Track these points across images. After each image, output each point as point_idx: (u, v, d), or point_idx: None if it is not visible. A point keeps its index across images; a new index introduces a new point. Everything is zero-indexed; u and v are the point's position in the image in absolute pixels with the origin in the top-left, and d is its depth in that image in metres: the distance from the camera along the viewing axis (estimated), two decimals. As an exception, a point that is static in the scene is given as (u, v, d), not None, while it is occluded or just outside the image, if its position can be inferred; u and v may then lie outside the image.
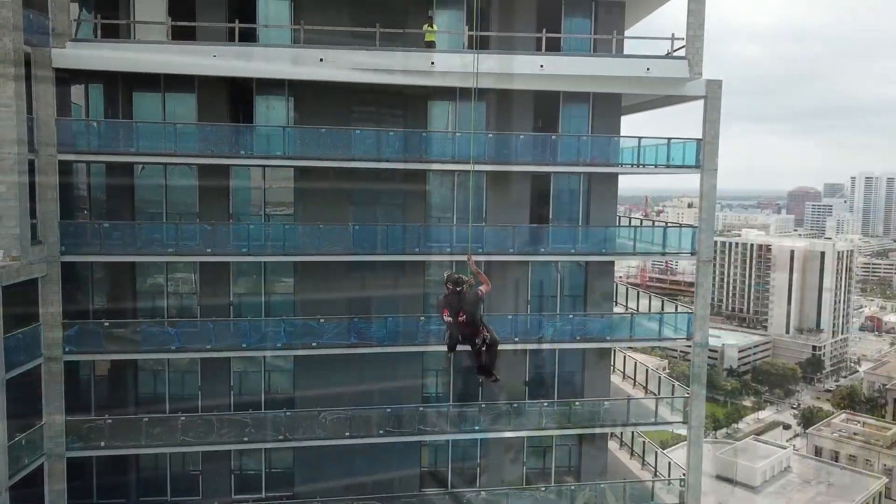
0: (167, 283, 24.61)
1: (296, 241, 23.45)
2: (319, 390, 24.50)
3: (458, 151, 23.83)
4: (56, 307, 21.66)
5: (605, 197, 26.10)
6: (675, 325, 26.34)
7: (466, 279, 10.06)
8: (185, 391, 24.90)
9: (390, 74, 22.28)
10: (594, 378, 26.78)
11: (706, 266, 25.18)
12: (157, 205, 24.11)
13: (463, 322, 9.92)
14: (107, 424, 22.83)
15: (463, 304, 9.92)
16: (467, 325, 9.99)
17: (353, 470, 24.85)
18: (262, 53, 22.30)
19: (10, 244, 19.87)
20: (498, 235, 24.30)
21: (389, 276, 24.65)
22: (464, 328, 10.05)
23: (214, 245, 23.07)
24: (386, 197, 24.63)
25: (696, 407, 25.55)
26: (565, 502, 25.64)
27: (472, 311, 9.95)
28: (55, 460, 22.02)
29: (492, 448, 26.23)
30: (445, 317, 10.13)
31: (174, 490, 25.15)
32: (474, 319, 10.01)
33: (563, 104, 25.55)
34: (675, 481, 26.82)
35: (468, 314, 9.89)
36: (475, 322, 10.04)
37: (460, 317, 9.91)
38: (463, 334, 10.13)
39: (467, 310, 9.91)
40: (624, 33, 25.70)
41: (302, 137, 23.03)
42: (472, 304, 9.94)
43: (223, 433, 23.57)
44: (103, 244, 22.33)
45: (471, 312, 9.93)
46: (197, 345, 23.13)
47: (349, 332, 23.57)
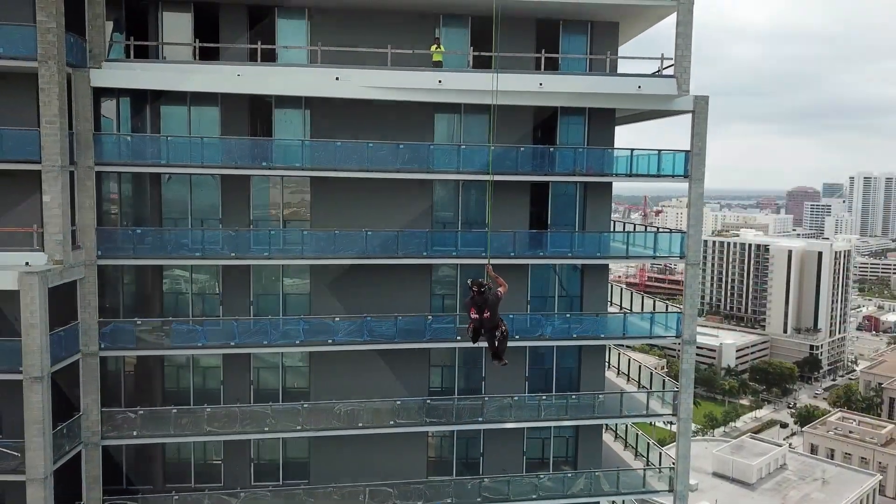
0: (192, 284, 26.44)
1: (312, 245, 25.27)
2: (334, 384, 26.36)
3: (462, 162, 25.65)
4: (93, 307, 23.51)
5: (600, 204, 27.88)
6: (666, 324, 28.16)
7: (487, 283, 12.20)
8: (208, 385, 26.74)
9: (401, 92, 24.11)
10: (589, 373, 28.58)
11: (694, 269, 26.99)
12: (183, 212, 25.91)
13: (487, 317, 11.94)
14: (138, 415, 24.70)
15: (487, 303, 12.13)
16: (490, 320, 11.98)
17: (365, 458, 26.65)
18: (281, 72, 24.09)
19: (54, 249, 21.71)
20: (500, 240, 26.10)
21: (398, 277, 26.38)
22: (487, 322, 12.21)
23: (237, 249, 24.91)
24: (395, 203, 26.33)
25: (684, 400, 27.36)
26: (562, 489, 27.48)
27: (494, 308, 12.13)
28: (91, 448, 23.89)
29: (494, 438, 28.02)
30: (472, 314, 12.35)
31: (197, 478, 26.97)
32: (495, 315, 12.08)
33: (560, 117, 27.37)
34: (665, 470, 28.67)
35: (492, 311, 12.04)
36: (496, 317, 12.17)
37: (485, 314, 12.09)
38: (486, 328, 12.24)
39: (491, 308, 12.10)
40: (618, 51, 27.46)
41: (318, 149, 24.82)
42: (493, 303, 12.21)
43: (245, 424, 25.39)
44: (136, 248, 24.17)
45: (493, 310, 12.01)
46: (221, 342, 24.96)
47: (362, 330, 25.39)
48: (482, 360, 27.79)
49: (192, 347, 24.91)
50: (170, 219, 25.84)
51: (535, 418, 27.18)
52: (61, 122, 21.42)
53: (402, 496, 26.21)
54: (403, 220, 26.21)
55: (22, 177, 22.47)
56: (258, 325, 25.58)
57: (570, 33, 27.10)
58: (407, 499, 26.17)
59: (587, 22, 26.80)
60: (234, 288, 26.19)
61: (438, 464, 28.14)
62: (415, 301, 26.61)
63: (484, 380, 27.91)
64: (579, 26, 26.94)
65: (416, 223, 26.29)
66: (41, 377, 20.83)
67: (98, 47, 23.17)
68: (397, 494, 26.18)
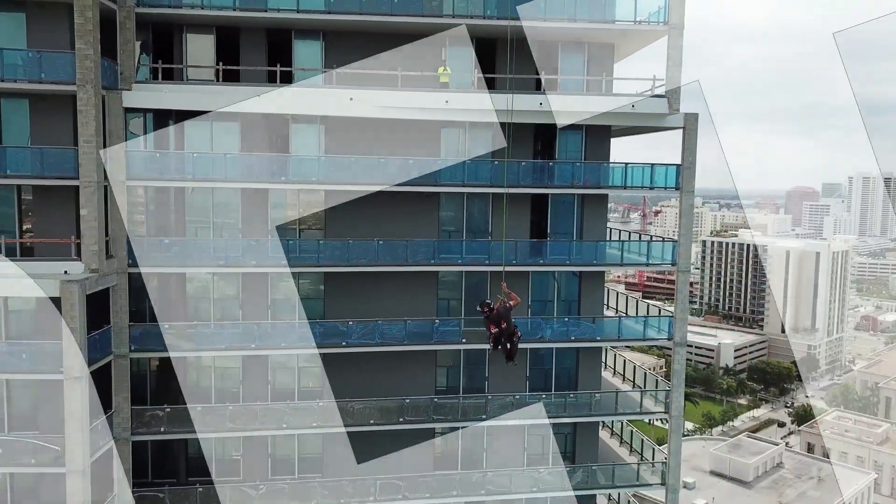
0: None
1: (326, 253, 27.03)
2: (346, 383, 28.10)
3: (467, 176, 27.42)
4: (124, 312, 25.29)
5: (596, 214, 29.63)
6: (659, 327, 29.93)
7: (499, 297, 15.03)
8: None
9: (410, 111, 25.86)
10: (587, 373, 30.33)
11: (684, 275, 28.75)
12: (205, 222, 27.66)
13: (504, 328, 14.71)
14: (165, 413, 26.45)
15: (501, 317, 14.86)
16: (507, 329, 14.99)
17: (376, 453, 28.36)
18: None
19: (91, 259, 23.47)
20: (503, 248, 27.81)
21: (407, 283, 28.10)
22: (505, 331, 15.03)
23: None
24: (404, 214, 28.05)
25: (675, 398, 29.10)
26: (561, 482, 29.24)
27: (508, 318, 15.07)
28: (122, 443, 25.65)
29: (496, 434, 29.75)
30: (492, 329, 15.08)
31: (218, 472, 28.59)
32: (510, 324, 15.05)
33: (559, 131, 29.08)
34: (658, 464, 30.42)
35: (507, 322, 14.92)
36: (511, 326, 15.05)
37: (503, 325, 14.82)
38: (504, 335, 15.01)
39: (505, 319, 15.05)
40: (613, 70, 29.21)
41: (332, 165, 26.57)
42: (506, 315, 15.00)
43: (264, 421, 27.15)
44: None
45: (508, 320, 14.98)
46: (242, 344, 26.72)
47: (373, 333, 27.15)
48: (485, 360, 29.54)
49: (216, 349, 26.68)
50: (193, 228, 27.61)
51: (536, 416, 28.89)
52: (97, 141, 23.20)
53: (410, 489, 27.96)
54: (412, 230, 27.91)
55: (58, 191, 24.28)
56: (276, 328, 27.34)
57: (569, 55, 28.86)
58: (415, 491, 27.94)
59: (584, 43, 28.55)
60: (253, 293, 27.91)
61: (444, 459, 29.88)
62: (422, 305, 28.35)
63: (487, 379, 29.66)
64: (577, 48, 28.69)
65: (423, 232, 28.01)
66: (80, 377, 22.60)
67: (128, 70, 24.94)
68: (406, 487, 27.93)
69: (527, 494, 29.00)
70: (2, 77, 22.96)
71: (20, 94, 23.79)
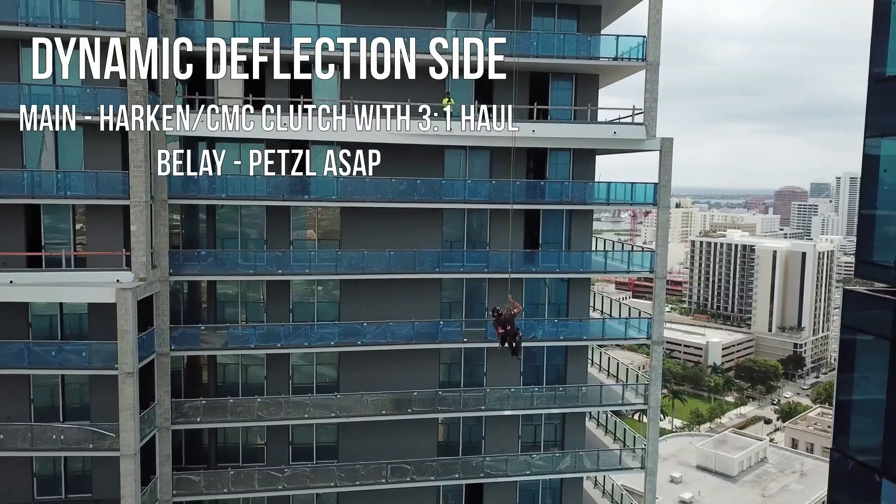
0: (241, 295, 31.53)
1: (343, 263, 30.40)
2: (360, 378, 31.51)
3: (467, 193, 30.85)
4: (165, 315, 28.60)
5: (583, 227, 33.10)
6: (638, 327, 33.47)
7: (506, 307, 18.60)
8: (253, 380, 31.81)
9: (417, 137, 29.22)
10: (574, 369, 33.84)
11: (661, 281, 32.26)
12: (233, 234, 31.01)
13: (509, 329, 18.39)
14: (201, 405, 29.80)
15: (507, 321, 18.51)
16: (511, 331, 18.59)
17: (386, 441, 31.78)
18: (318, 122, 29.11)
19: (140, 269, 26.79)
20: (500, 258, 31.28)
21: (414, 289, 31.45)
22: (510, 332, 18.63)
23: (280, 267, 30.00)
24: (412, 227, 31.39)
25: (653, 391, 32.61)
26: (552, 466, 32.78)
27: (512, 323, 18.67)
28: (164, 431, 28.97)
29: (494, 424, 33.22)
30: (499, 330, 18.68)
31: (244, 458, 32.04)
32: (513, 327, 18.59)
33: (550, 153, 32.55)
34: (638, 450, 33.97)
35: (511, 325, 18.52)
36: (514, 328, 18.64)
37: (508, 327, 18.39)
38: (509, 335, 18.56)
39: (510, 323, 18.69)
40: (598, 99, 32.71)
41: (348, 184, 29.90)
42: (510, 320, 18.57)
43: (287, 411, 30.53)
44: (200, 267, 29.28)
45: (511, 324, 18.61)
46: (269, 343, 30.09)
47: (385, 333, 30.55)
48: (483, 357, 32.99)
49: (245, 348, 30.04)
50: (221, 240, 30.95)
51: (529, 407, 32.40)
52: (146, 166, 26.49)
53: (417, 472, 31.39)
54: (418, 242, 31.28)
55: (107, 209, 27.57)
56: (297, 329, 30.71)
57: (558, 81, 32.36)
58: (422, 474, 31.37)
59: (572, 74, 32.04)
60: (276, 298, 31.27)
61: (447, 445, 33.33)
62: (428, 309, 31.75)
63: (485, 375, 33.10)
64: (566, 77, 32.18)
65: (428, 244, 31.39)
66: (132, 372, 25.91)
67: (169, 101, 28.23)
68: (413, 471, 31.36)
69: (521, 477, 32.57)
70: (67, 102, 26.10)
71: (77, 124, 27.01)
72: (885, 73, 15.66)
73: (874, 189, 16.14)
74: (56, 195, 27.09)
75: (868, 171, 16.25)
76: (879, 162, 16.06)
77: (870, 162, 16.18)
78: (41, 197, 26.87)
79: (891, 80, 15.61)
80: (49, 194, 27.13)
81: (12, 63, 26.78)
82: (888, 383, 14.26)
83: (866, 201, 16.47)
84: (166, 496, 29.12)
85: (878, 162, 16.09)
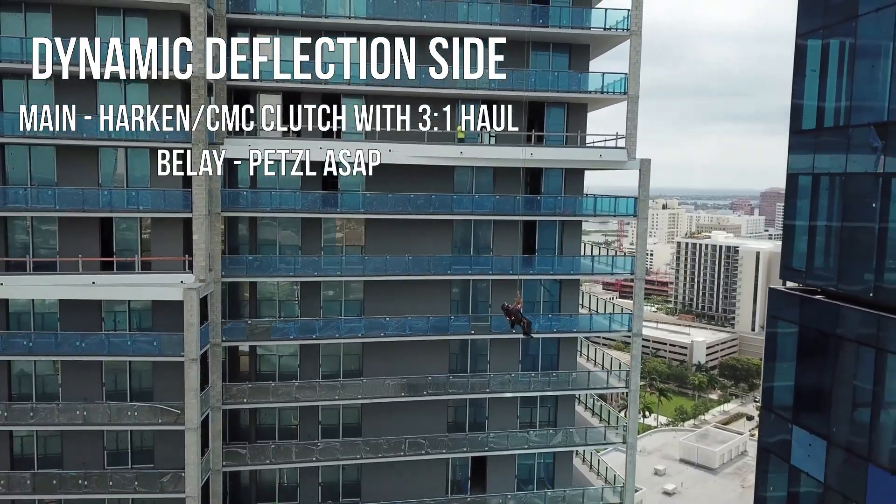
0: (278, 294, 36.49)
1: (368, 266, 35.41)
2: (380, 366, 36.54)
3: (474, 206, 35.94)
4: (218, 311, 33.53)
5: (573, 235, 38.29)
6: (622, 322, 38.68)
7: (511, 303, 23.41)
8: (287, 367, 36.74)
9: (433, 159, 34.26)
10: (566, 358, 39.04)
11: (640, 282, 37.48)
12: (272, 241, 35.97)
13: (516, 318, 23.29)
14: (247, 388, 34.78)
15: (513, 313, 23.39)
16: (518, 320, 23.40)
17: (403, 420, 36.79)
18: (348, 145, 34.06)
19: (200, 272, 31.72)
20: (502, 262, 36.41)
21: (428, 289, 36.47)
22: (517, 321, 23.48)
23: (314, 269, 34.97)
24: (426, 236, 36.38)
25: (633, 377, 37.81)
26: (546, 442, 37.95)
27: (518, 313, 23.49)
28: (216, 410, 33.88)
29: (496, 405, 38.35)
30: (508, 318, 23.60)
31: (280, 435, 37.01)
32: (519, 317, 23.29)
33: (545, 171, 37.69)
34: (620, 428, 39.20)
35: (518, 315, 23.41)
36: (520, 317, 23.35)
37: (512, 317, 23.31)
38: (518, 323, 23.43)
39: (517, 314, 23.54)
40: (587, 126, 37.90)
41: (373, 199, 34.91)
42: (517, 311, 23.48)
43: (321, 393, 35.52)
44: (246, 270, 34.26)
45: (518, 314, 23.34)
46: (305, 335, 35.07)
47: (404, 327, 35.60)
48: (487, 347, 38.09)
49: (286, 339, 35.04)
50: (264, 248, 35.90)
51: (527, 390, 37.56)
52: (206, 185, 31.42)
53: (431, 446, 36.45)
54: (431, 248, 36.31)
55: (169, 221, 32.47)
56: (328, 323, 35.72)
57: (552, 109, 37.53)
58: (435, 448, 36.45)
59: (564, 103, 37.22)
60: (309, 296, 36.25)
61: (456, 424, 38.42)
62: (440, 305, 36.81)
63: (489, 362, 38.22)
64: (559, 105, 37.35)
65: (440, 250, 36.48)
66: (196, 359, 30.85)
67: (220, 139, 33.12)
68: (428, 445, 36.42)
69: (519, 451, 37.75)
70: (136, 138, 30.89)
71: (144, 149, 31.90)
72: (801, 126, 20.75)
73: (793, 205, 20.89)
74: (127, 209, 31.95)
75: (790, 189, 20.98)
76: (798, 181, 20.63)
77: (791, 181, 20.89)
78: (118, 211, 31.74)
79: (804, 132, 20.70)
80: (120, 208, 31.98)
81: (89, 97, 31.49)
82: (797, 358, 19.52)
83: (787, 214, 21.31)
84: (217, 466, 34.02)
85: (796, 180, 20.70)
